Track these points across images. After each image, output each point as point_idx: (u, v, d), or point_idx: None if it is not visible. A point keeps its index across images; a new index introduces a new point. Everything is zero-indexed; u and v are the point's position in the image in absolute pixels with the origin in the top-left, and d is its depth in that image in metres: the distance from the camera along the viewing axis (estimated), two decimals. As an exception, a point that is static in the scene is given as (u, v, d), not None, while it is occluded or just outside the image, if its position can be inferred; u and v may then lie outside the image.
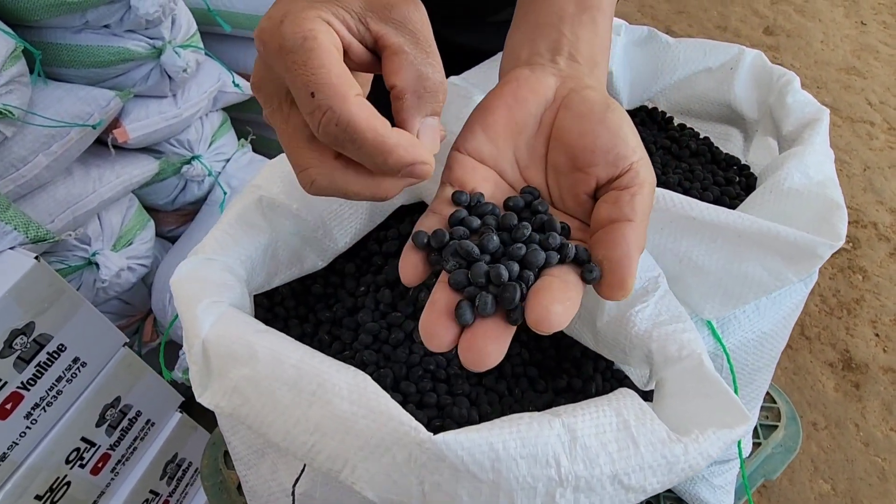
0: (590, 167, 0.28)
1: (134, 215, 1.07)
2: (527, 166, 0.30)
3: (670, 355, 0.29)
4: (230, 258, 0.31)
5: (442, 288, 0.25)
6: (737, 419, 0.27)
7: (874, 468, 1.27)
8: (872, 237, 1.67)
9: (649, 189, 0.27)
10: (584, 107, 0.29)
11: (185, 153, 1.12)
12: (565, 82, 0.30)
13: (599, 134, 0.28)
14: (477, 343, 0.23)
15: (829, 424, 1.35)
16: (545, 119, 0.30)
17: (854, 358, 1.46)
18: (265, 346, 0.25)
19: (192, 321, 0.27)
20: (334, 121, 0.22)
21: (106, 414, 0.77)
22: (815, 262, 0.32)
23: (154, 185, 1.11)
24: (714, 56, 0.47)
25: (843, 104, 2.02)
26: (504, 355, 0.23)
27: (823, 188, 0.35)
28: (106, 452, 0.78)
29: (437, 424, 0.33)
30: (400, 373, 0.36)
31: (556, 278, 0.24)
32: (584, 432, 0.23)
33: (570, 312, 0.23)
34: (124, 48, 0.94)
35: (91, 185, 0.97)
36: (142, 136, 1.01)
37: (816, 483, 1.27)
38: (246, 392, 0.25)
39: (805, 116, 0.41)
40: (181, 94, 1.07)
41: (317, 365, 0.24)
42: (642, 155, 0.28)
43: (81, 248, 0.96)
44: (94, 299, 1.00)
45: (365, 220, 0.41)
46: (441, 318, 0.24)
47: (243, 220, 0.33)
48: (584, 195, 0.28)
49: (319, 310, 0.41)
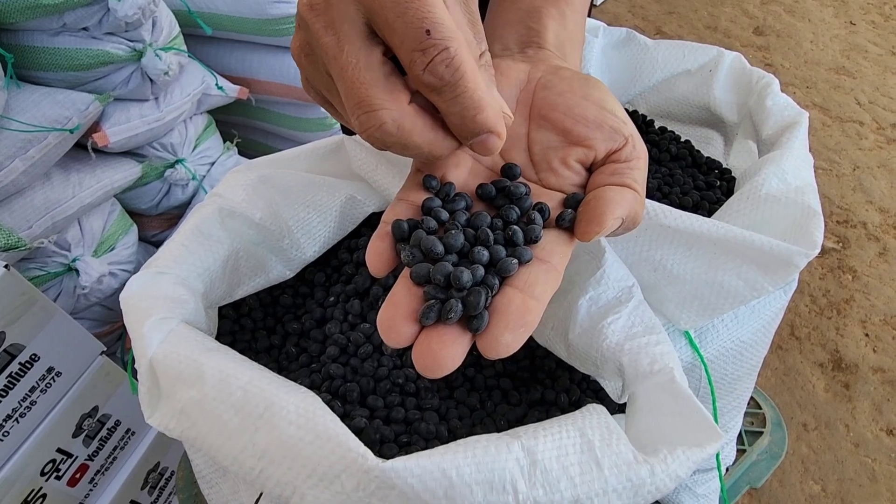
0: (587, 140, 0.27)
1: (116, 220, 1.06)
2: (505, 149, 0.29)
3: (642, 369, 0.28)
4: (185, 271, 0.30)
5: (404, 282, 0.24)
6: (708, 437, 0.26)
7: (864, 469, 1.27)
8: (862, 237, 1.67)
9: (645, 161, 0.27)
10: (564, 84, 0.28)
11: (168, 157, 1.10)
12: (537, 65, 0.30)
13: (587, 108, 0.27)
14: (432, 347, 0.21)
15: (819, 425, 1.35)
16: (522, 100, 0.29)
17: (844, 358, 1.46)
18: (213, 366, 0.24)
19: (140, 339, 0.25)
20: (447, 61, 0.21)
21: (83, 424, 0.75)
22: (790, 271, 0.31)
23: (137, 189, 1.09)
24: (693, 58, 0.46)
25: (833, 104, 2.02)
26: (461, 361, 0.22)
27: (801, 195, 0.34)
28: (84, 463, 0.76)
29: (403, 441, 0.32)
30: (367, 387, 0.35)
31: (519, 292, 0.23)
32: (545, 455, 0.22)
33: (522, 339, 0.22)
34: (103, 51, 0.93)
35: (71, 189, 0.96)
36: (123, 140, 0.99)
37: (807, 484, 1.27)
38: (193, 415, 0.24)
39: (784, 119, 0.40)
40: (164, 97, 1.06)
41: (265, 386, 0.23)
42: (633, 127, 0.27)
43: (61, 254, 0.95)
44: (75, 306, 0.99)
45: (334, 228, 0.40)
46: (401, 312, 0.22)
47: (201, 231, 0.32)
48: (578, 164, 0.27)
49: (287, 321, 0.40)
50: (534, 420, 0.35)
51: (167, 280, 0.29)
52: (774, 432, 0.59)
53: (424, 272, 0.23)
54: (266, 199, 0.36)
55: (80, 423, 0.75)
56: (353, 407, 0.34)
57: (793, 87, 2.09)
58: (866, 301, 1.53)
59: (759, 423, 0.62)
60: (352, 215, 0.41)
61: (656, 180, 0.46)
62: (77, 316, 1.00)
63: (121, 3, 0.89)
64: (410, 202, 0.26)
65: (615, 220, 0.24)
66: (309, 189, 0.38)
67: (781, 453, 0.59)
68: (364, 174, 0.39)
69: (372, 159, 0.39)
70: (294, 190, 0.38)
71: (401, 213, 0.26)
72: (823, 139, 1.89)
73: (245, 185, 0.35)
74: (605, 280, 0.33)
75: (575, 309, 0.33)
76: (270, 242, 0.36)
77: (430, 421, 0.33)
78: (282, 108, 1.29)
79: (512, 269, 0.23)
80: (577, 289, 0.34)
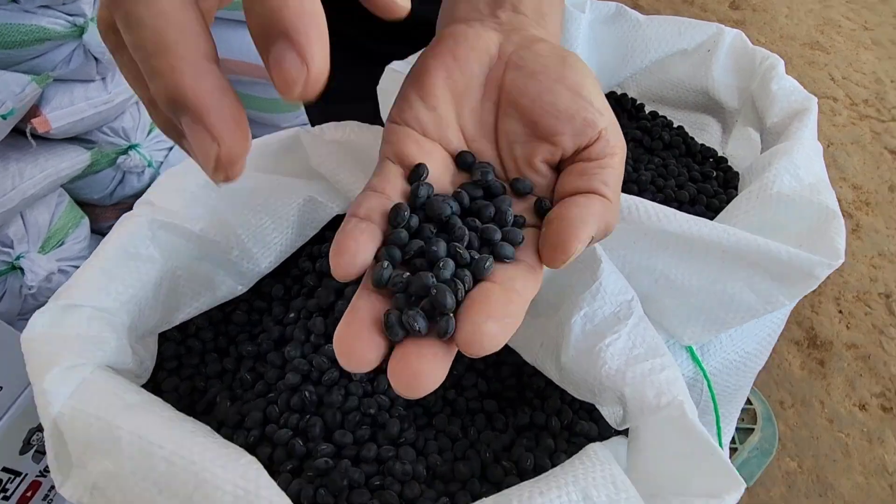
0: (554, 135, 0.23)
1: (64, 212, 0.98)
2: (474, 137, 0.25)
3: (647, 403, 0.25)
4: (105, 301, 0.25)
5: (365, 294, 0.20)
6: (726, 484, 0.22)
7: (838, 444, 1.29)
8: (836, 214, 1.68)
9: (620, 158, 0.23)
10: (537, 63, 0.24)
11: (120, 142, 1.02)
12: (509, 36, 0.25)
13: (560, 94, 0.23)
14: (410, 363, 0.18)
15: (795, 402, 1.36)
16: (490, 80, 0.25)
17: (819, 335, 1.47)
18: (131, 429, 0.19)
19: (41, 396, 0.21)
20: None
21: (31, 439, 0.69)
22: (810, 283, 0.28)
23: (87, 177, 1.02)
24: (690, 36, 0.42)
25: (808, 80, 2.02)
26: (444, 377, 0.18)
27: (816, 193, 0.30)
28: (35, 480, 0.70)
29: (375, 484, 0.28)
30: (333, 420, 0.30)
31: (498, 285, 0.20)
32: (544, 530, 0.18)
33: (509, 331, 0.19)
34: (38, 26, 0.84)
35: (10, 181, 0.88)
36: (66, 126, 0.91)
37: (783, 461, 1.29)
38: (108, 491, 0.19)
39: (791, 106, 0.36)
40: (111, 77, 0.97)
41: (195, 458, 0.18)
42: (610, 118, 0.24)
43: (3, 251, 0.87)
44: (23, 307, 0.92)
45: (293, 234, 0.35)
46: (364, 331, 0.19)
47: (125, 250, 0.26)
48: (543, 164, 0.24)
49: (242, 341, 0.35)
50: (522, 448, 0.31)
51: (80, 315, 0.23)
52: (765, 428, 0.57)
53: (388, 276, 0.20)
54: (208, 205, 0.31)
55: (27, 439, 0.69)
56: (316, 444, 0.29)
57: (769, 62, 2.07)
58: (840, 278, 1.55)
59: (750, 420, 0.60)
60: (312, 219, 0.36)
61: (650, 172, 0.42)
62: (25, 318, 0.93)
63: (54, -27, 0.80)
64: (385, 194, 0.23)
65: (583, 242, 0.21)
66: (260, 191, 0.33)
67: (772, 449, 0.57)
68: (325, 172, 0.34)
69: (335, 155, 0.34)
70: (242, 193, 0.33)
71: (375, 205, 0.22)
72: (799, 116, 1.89)
73: (182, 190, 0.30)
74: (602, 294, 0.29)
75: (568, 327, 0.29)
76: (216, 255, 0.31)
77: (407, 458, 0.29)
78: (247, 87, 1.21)
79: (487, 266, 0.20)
80: (569, 303, 0.30)
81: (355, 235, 0.21)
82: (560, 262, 0.20)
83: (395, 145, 0.24)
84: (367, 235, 0.21)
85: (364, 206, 0.22)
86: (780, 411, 1.33)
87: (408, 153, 0.24)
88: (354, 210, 0.22)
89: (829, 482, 1.22)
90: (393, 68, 0.39)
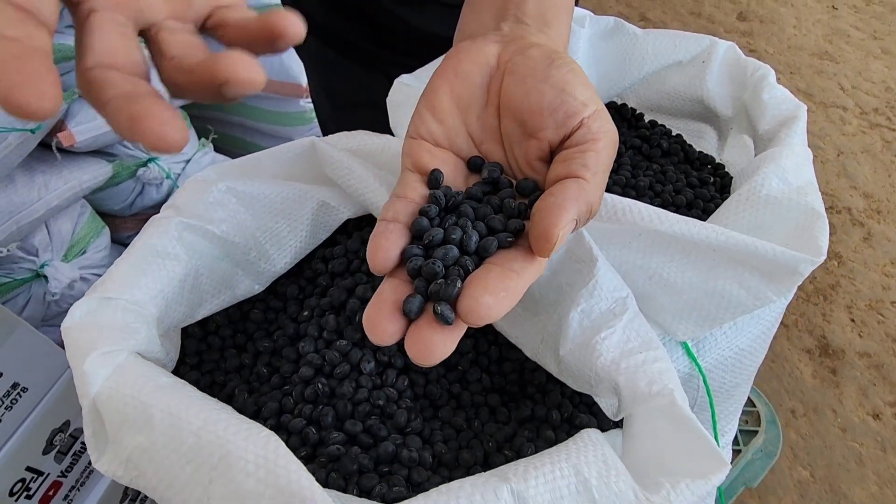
0: (539, 131, 0.26)
1: (86, 222, 1.01)
2: (482, 141, 0.28)
3: (639, 391, 0.26)
4: (136, 295, 0.27)
5: (390, 281, 0.24)
6: (713, 466, 0.24)
7: (852, 453, 1.28)
8: (847, 222, 1.68)
9: (606, 142, 0.25)
10: (527, 67, 0.26)
11: (140, 155, 1.06)
12: (507, 46, 0.28)
13: (544, 92, 0.25)
14: (423, 334, 0.22)
15: (807, 411, 1.35)
16: (492, 89, 0.28)
17: (831, 344, 1.46)
18: (163, 408, 0.21)
19: (81, 377, 0.23)
20: None
21: (54, 440, 0.72)
22: (795, 279, 0.29)
23: (108, 189, 1.05)
24: (685, 48, 0.44)
25: (817, 89, 2.02)
26: (452, 349, 0.22)
27: (803, 195, 0.32)
28: (57, 480, 0.73)
29: (383, 470, 0.30)
30: (344, 410, 0.32)
31: (497, 266, 0.23)
32: (537, 500, 0.20)
33: (505, 304, 0.21)
34: (65, 45, 0.88)
35: (36, 192, 0.91)
36: (90, 139, 0.95)
37: (796, 470, 1.27)
38: (142, 464, 0.21)
39: (782, 114, 0.38)
40: (132, 92, 1.01)
41: (220, 432, 0.20)
42: (596, 108, 0.25)
43: (28, 259, 0.91)
44: (46, 313, 0.95)
45: (306, 237, 0.37)
46: (386, 310, 0.22)
47: (154, 249, 0.29)
48: (537, 161, 0.26)
49: (259, 338, 0.37)
50: (523, 439, 0.33)
51: (114, 307, 0.26)
52: (769, 430, 0.57)
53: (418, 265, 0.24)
54: (229, 209, 0.33)
55: (50, 439, 0.71)
56: (328, 433, 0.31)
57: (777, 72, 2.07)
58: (852, 286, 1.54)
59: (754, 422, 0.60)
60: (325, 223, 0.38)
61: (648, 178, 0.43)
62: (48, 324, 0.96)
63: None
64: (409, 199, 0.26)
65: (565, 228, 0.22)
66: (277, 196, 0.35)
67: (776, 451, 0.58)
68: (337, 178, 0.37)
69: (346, 162, 0.36)
70: (261, 198, 0.35)
71: (403, 209, 0.26)
72: (807, 125, 1.89)
73: (205, 194, 0.32)
74: (598, 291, 0.31)
75: (566, 322, 0.31)
76: (236, 256, 0.33)
77: (413, 446, 0.31)
78: (259, 101, 1.25)
79: (491, 248, 0.24)
80: (567, 300, 0.31)
81: (386, 235, 0.24)
82: (547, 251, 0.22)
83: (412, 157, 0.27)
84: (396, 234, 0.24)
85: (391, 210, 0.25)
86: (792, 420, 1.32)
87: (423, 162, 0.27)
88: (383, 215, 0.25)
89: (843, 491, 1.21)
90: (402, 81, 0.41)
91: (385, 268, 0.24)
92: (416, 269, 0.23)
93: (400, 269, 0.24)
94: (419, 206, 0.26)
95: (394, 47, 0.58)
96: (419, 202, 0.26)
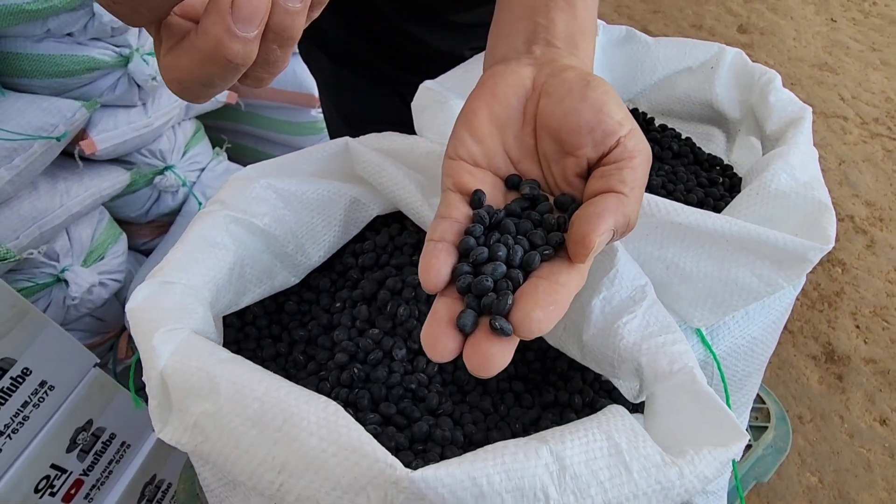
0: (578, 149, 0.27)
1: (105, 229, 1.04)
2: (519, 160, 0.30)
3: (661, 370, 0.28)
4: (192, 280, 0.29)
5: (442, 300, 0.25)
6: (732, 436, 0.25)
7: (860, 459, 1.29)
8: (850, 230, 1.69)
9: (642, 160, 0.26)
10: (563, 89, 0.28)
11: (157, 163, 1.09)
12: (542, 69, 0.30)
13: (582, 112, 0.27)
14: (481, 347, 0.22)
15: (814, 417, 1.36)
16: (528, 110, 0.29)
17: (836, 350, 1.47)
18: (227, 377, 0.23)
19: (149, 352, 0.25)
20: None
21: (77, 438, 0.73)
22: (805, 266, 0.31)
23: (126, 196, 1.08)
24: (694, 55, 0.46)
25: (817, 100, 2.05)
26: (509, 359, 0.23)
27: (810, 189, 0.34)
28: (79, 478, 0.74)
29: (418, 448, 0.32)
30: (379, 393, 0.34)
31: (544, 280, 0.24)
32: (574, 460, 0.22)
33: (554, 316, 0.23)
34: (89, 56, 0.91)
35: (58, 198, 0.94)
36: (111, 148, 0.97)
37: (804, 476, 1.28)
38: (207, 429, 0.23)
39: (788, 115, 0.40)
40: (151, 102, 1.04)
41: (283, 397, 0.22)
42: (631, 127, 0.27)
43: (49, 264, 0.93)
44: (66, 317, 0.97)
45: (339, 232, 0.39)
46: (442, 328, 0.23)
47: (205, 238, 0.31)
48: (575, 178, 0.28)
49: (293, 328, 0.39)
50: (548, 422, 0.35)
51: (174, 290, 0.28)
52: (779, 427, 0.59)
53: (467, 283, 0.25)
54: (270, 204, 0.35)
55: (74, 438, 0.73)
56: (365, 415, 0.33)
57: (778, 83, 2.11)
58: (856, 293, 1.55)
59: (764, 418, 0.62)
60: (356, 219, 0.40)
61: (660, 178, 0.46)
62: (67, 327, 0.98)
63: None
64: (453, 218, 0.27)
65: (602, 236, 0.24)
66: (313, 193, 0.38)
67: (786, 447, 0.59)
68: (368, 177, 0.39)
69: (377, 161, 0.39)
70: (298, 194, 0.37)
71: (448, 229, 0.27)
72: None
73: (248, 190, 0.34)
74: (619, 279, 0.32)
75: (588, 309, 0.33)
76: (275, 249, 0.36)
77: (445, 426, 0.33)
78: (272, 112, 1.28)
79: (535, 262, 0.25)
80: (589, 289, 0.33)
81: (436, 254, 0.25)
82: (583, 256, 0.24)
83: (453, 177, 0.29)
84: (444, 254, 0.25)
85: (438, 230, 0.27)
86: (800, 426, 1.32)
87: (464, 182, 0.28)
88: (430, 235, 0.26)
89: (852, 497, 1.21)
90: (426, 86, 0.44)
91: (437, 286, 0.25)
92: (467, 286, 0.24)
93: (450, 287, 0.25)
94: (463, 224, 0.27)
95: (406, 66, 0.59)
96: (463, 221, 0.27)
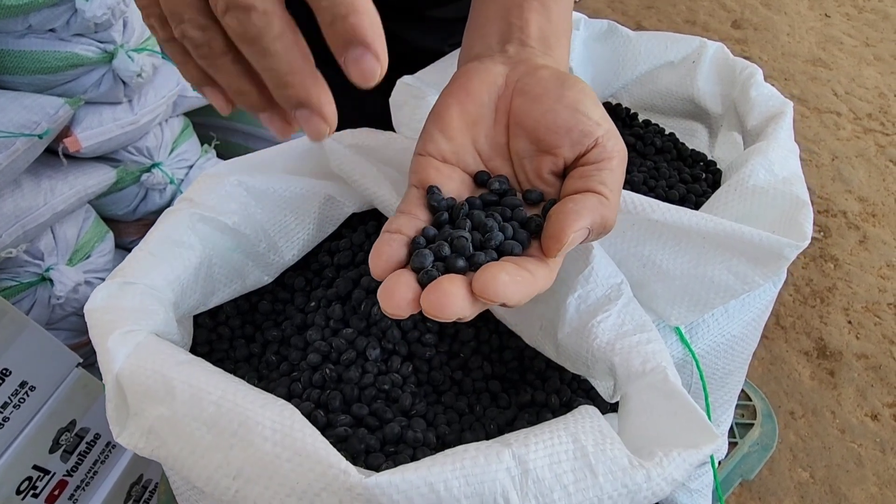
0: (555, 148, 0.27)
1: (91, 227, 1.03)
2: (490, 157, 0.29)
3: (634, 369, 0.28)
4: (154, 280, 0.28)
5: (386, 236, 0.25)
6: (704, 438, 0.25)
7: (851, 454, 1.29)
8: (842, 226, 1.70)
9: (619, 161, 0.26)
10: (539, 87, 0.28)
11: (144, 161, 1.08)
12: (515, 67, 0.29)
13: (559, 112, 0.27)
14: (441, 285, 0.22)
15: (805, 413, 1.36)
16: (500, 107, 0.29)
17: (828, 346, 1.47)
18: (184, 380, 0.23)
19: (105, 354, 0.24)
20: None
21: (60, 439, 0.72)
22: (781, 263, 0.30)
23: (112, 194, 1.06)
24: (676, 49, 0.45)
25: (811, 95, 2.05)
26: (467, 312, 0.22)
27: (789, 185, 0.33)
28: (62, 479, 0.73)
29: (389, 450, 0.31)
30: (351, 394, 0.33)
31: (512, 262, 0.24)
32: (537, 463, 0.21)
33: (520, 288, 0.22)
34: (72, 53, 0.90)
35: (42, 197, 0.93)
36: (95, 145, 0.96)
37: (795, 472, 1.28)
38: (163, 433, 0.22)
39: (769, 110, 0.39)
40: (137, 99, 1.03)
41: (239, 401, 0.22)
42: (608, 127, 0.27)
43: (34, 263, 0.92)
44: (51, 317, 0.96)
45: (313, 230, 0.38)
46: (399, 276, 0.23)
47: (170, 238, 0.30)
48: (550, 175, 0.28)
49: (267, 328, 0.38)
50: (524, 423, 0.34)
51: (134, 291, 0.27)
52: (765, 424, 0.59)
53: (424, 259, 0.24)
54: (240, 202, 0.34)
55: (56, 439, 0.72)
56: (336, 416, 0.32)
57: (771, 79, 2.11)
58: (848, 289, 1.55)
59: (750, 416, 0.62)
60: (331, 216, 0.39)
61: (642, 174, 0.45)
62: (53, 327, 0.97)
63: (88, 4, 0.86)
64: (412, 214, 0.27)
65: (578, 233, 0.24)
66: (286, 190, 0.37)
67: (772, 444, 0.59)
68: (343, 174, 0.38)
69: (351, 158, 0.38)
70: (270, 192, 0.36)
71: (405, 224, 0.26)
72: (802, 130, 1.91)
73: (217, 188, 0.33)
74: (594, 277, 0.32)
75: (563, 308, 0.32)
76: (246, 248, 0.35)
77: (418, 428, 0.32)
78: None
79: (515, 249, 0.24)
80: (565, 287, 0.33)
81: (388, 243, 0.25)
82: (556, 251, 0.23)
83: (418, 174, 0.28)
84: (397, 243, 0.25)
85: (394, 224, 0.26)
86: (791, 421, 1.32)
87: (429, 178, 0.28)
88: (387, 227, 0.26)
89: (843, 493, 1.22)
90: (404, 81, 0.43)
91: (385, 272, 0.24)
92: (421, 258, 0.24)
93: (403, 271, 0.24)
94: (423, 223, 0.26)
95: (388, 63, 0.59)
96: (423, 219, 0.27)
